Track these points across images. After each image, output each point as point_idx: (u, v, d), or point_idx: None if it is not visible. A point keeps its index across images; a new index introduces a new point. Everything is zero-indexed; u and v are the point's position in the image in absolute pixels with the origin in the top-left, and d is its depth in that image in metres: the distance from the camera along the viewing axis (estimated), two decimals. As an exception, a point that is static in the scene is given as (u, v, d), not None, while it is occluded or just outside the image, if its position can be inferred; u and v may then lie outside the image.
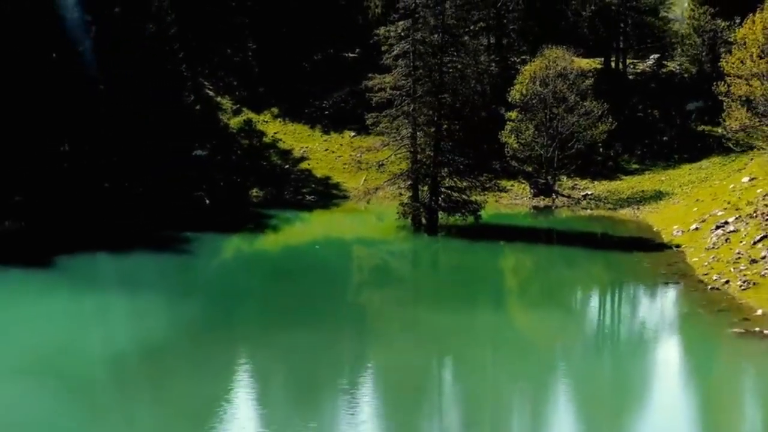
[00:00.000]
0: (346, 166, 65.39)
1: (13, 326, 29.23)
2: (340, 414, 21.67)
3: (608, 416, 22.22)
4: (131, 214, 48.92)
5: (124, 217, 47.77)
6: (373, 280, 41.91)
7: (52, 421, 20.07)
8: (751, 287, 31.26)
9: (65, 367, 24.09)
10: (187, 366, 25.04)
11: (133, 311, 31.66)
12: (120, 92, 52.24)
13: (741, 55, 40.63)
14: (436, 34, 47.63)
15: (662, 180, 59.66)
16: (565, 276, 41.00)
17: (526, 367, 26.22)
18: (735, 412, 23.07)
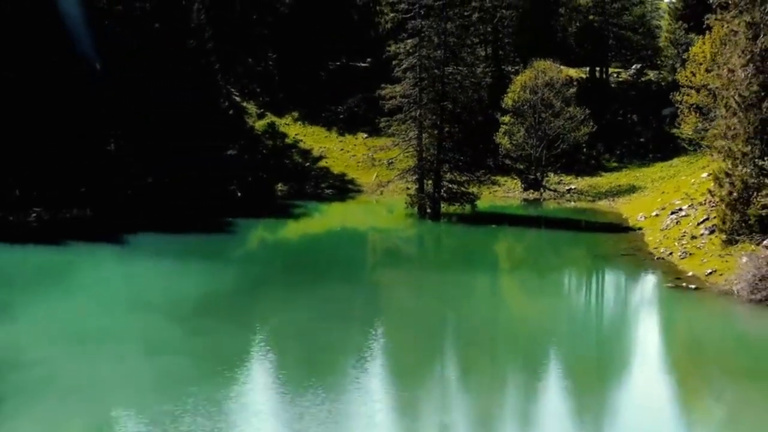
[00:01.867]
0: (360, 163, 72.67)
1: (97, 285, 36.25)
2: (355, 349, 27.70)
3: (570, 340, 29.58)
4: (174, 204, 55.80)
5: (168, 207, 54.50)
6: (386, 255, 49.32)
7: (137, 345, 26.54)
8: (687, 257, 38.63)
9: (141, 312, 30.72)
10: (232, 312, 31.87)
11: (187, 274, 38.53)
12: (164, 100, 59.04)
13: (693, 69, 47.88)
14: (439, 51, 55.00)
15: (637, 176, 66.90)
16: (546, 251, 48.48)
17: (510, 308, 34.07)
18: (664, 333, 31.28)
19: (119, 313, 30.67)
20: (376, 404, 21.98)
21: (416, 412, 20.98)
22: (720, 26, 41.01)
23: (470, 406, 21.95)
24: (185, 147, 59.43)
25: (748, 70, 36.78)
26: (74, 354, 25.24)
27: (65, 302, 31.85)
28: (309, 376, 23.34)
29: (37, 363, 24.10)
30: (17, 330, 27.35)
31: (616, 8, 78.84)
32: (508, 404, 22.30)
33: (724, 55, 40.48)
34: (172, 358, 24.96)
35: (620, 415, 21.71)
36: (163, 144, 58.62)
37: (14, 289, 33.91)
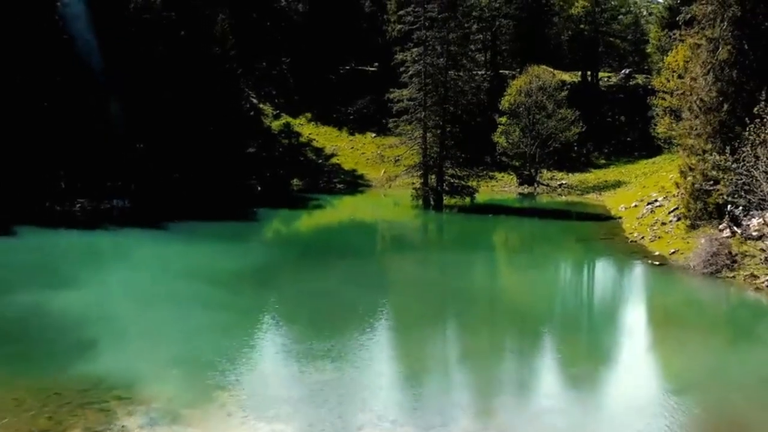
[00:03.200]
0: (369, 160, 78.10)
1: (148, 261, 41.37)
2: (370, 308, 32.39)
3: (552, 302, 34.94)
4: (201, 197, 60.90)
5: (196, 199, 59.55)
6: (394, 239, 54.53)
7: (190, 304, 31.48)
8: (656, 240, 43.95)
9: (189, 280, 35.70)
10: (265, 280, 37.07)
11: (222, 252, 43.45)
12: (191, 102, 64.11)
13: (667, 75, 53.12)
14: (442, 58, 60.38)
15: (622, 172, 72.28)
16: (537, 236, 53.72)
17: (502, 279, 39.62)
18: (629, 297, 37.38)
19: (171, 281, 35.96)
20: (385, 347, 27.25)
21: (418, 355, 26.14)
22: (689, 38, 46.15)
23: (466, 354, 27.15)
24: (210, 146, 64.80)
25: (709, 78, 42.03)
26: (141, 311, 30.51)
27: (125, 274, 37.17)
28: (330, 326, 28.45)
29: (115, 317, 29.46)
30: (92, 295, 32.61)
31: (605, 18, 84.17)
32: (500, 352, 27.35)
33: (690, 64, 45.72)
34: (219, 313, 30.18)
35: (587, 359, 26.79)
36: (190, 143, 63.81)
37: (80, 265, 39.27)
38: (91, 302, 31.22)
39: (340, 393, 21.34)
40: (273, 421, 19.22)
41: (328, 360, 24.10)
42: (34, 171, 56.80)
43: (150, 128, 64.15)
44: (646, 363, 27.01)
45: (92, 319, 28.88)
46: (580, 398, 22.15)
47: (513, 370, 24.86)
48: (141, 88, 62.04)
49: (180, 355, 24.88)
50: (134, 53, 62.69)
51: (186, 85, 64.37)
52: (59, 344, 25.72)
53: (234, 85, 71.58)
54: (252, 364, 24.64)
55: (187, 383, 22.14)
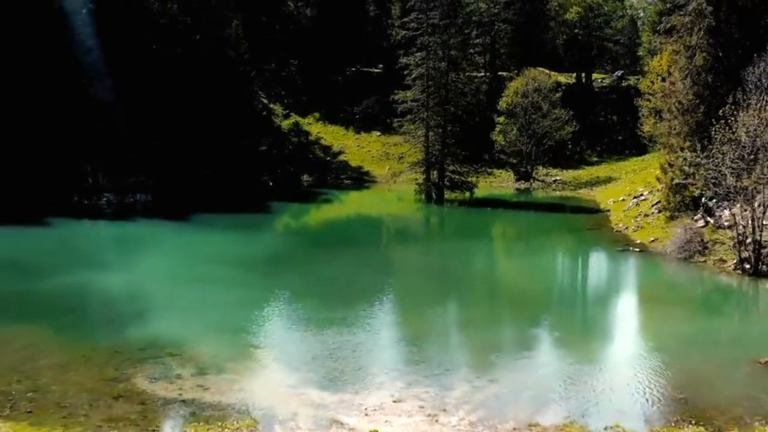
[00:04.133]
0: (374, 158, 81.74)
1: (178, 247, 45.06)
2: (379, 285, 35.98)
3: (542, 281, 38.69)
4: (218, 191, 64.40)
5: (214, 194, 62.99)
6: (399, 230, 58.25)
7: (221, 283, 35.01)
8: (638, 230, 47.66)
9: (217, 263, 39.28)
10: (285, 264, 40.72)
11: (243, 240, 47.26)
12: (208, 104, 67.56)
13: (652, 78, 56.73)
14: (443, 62, 64.04)
15: (613, 169, 75.89)
16: (532, 227, 57.37)
17: (498, 262, 43.66)
18: (610, 276, 41.25)
19: (198, 265, 39.71)
20: (391, 317, 30.98)
21: (420, 323, 29.79)
22: (669, 45, 49.80)
23: (463, 322, 30.86)
24: (225, 144, 68.40)
25: (686, 82, 45.73)
26: (176, 288, 34.23)
27: (156, 259, 40.94)
28: (343, 301, 32.05)
29: (154, 293, 33.19)
30: (131, 276, 36.34)
31: (599, 23, 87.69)
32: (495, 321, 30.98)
33: (671, 69, 49.38)
34: (244, 290, 33.89)
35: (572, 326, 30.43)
36: (207, 141, 67.41)
37: (114, 251, 43.08)
38: (132, 282, 35.01)
39: (354, 351, 25.09)
40: (302, 371, 22.95)
41: (342, 326, 27.79)
42: (63, 167, 60.56)
43: (170, 127, 67.79)
44: (623, 329, 30.81)
45: (135, 294, 32.67)
46: (563, 355, 25.76)
47: (505, 334, 28.65)
48: (160, 90, 65.78)
49: (216, 322, 28.62)
50: (153, 56, 66.50)
51: (202, 87, 67.96)
52: (111, 315, 29.54)
53: (247, 87, 75.25)
54: (278, 329, 28.44)
55: (225, 343, 25.86)
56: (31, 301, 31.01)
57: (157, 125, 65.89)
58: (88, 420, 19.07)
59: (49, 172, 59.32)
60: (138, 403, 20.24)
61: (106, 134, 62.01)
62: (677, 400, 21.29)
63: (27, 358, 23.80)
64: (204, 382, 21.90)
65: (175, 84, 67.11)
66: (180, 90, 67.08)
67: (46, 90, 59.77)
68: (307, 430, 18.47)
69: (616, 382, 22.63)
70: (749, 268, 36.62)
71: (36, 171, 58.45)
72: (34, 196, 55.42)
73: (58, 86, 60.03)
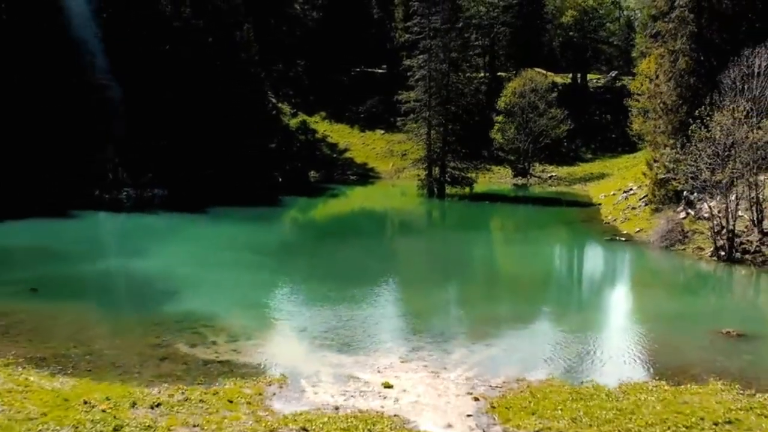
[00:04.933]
0: (378, 155, 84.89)
1: (198, 237, 48.28)
2: (385, 268, 39.40)
3: (536, 266, 41.86)
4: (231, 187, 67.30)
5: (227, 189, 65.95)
6: (403, 222, 61.58)
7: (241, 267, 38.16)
8: (626, 221, 50.83)
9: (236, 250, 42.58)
10: (298, 250, 44.05)
11: (258, 230, 50.73)
12: (221, 104, 70.43)
13: (640, 80, 59.78)
14: (444, 64, 67.16)
15: (607, 165, 78.98)
16: (528, 219, 60.60)
17: (496, 250, 46.77)
18: (598, 262, 44.56)
19: (219, 251, 42.99)
20: (396, 295, 34.15)
21: (423, 300, 32.95)
22: (655, 50, 52.86)
23: (462, 299, 34.01)
24: (237, 142, 71.34)
25: (670, 84, 48.83)
26: (202, 271, 37.32)
27: (184, 246, 44.20)
28: (352, 282, 35.18)
29: (183, 275, 36.24)
30: (161, 260, 39.50)
31: (593, 26, 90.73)
32: (491, 299, 34.11)
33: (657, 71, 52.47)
34: (262, 273, 37.29)
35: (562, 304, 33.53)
36: (220, 139, 70.40)
37: (142, 239, 46.27)
38: (162, 265, 38.22)
39: (364, 322, 28.28)
40: (320, 338, 26.10)
41: (352, 302, 31.01)
42: (85, 163, 63.68)
43: (184, 126, 70.88)
44: (606, 306, 34.16)
45: (166, 276, 35.86)
46: (551, 326, 28.95)
47: (500, 309, 31.79)
48: (175, 91, 68.78)
49: (240, 299, 31.83)
50: (167, 58, 69.50)
51: (215, 88, 70.93)
52: (148, 293, 32.73)
53: (257, 88, 78.30)
54: (295, 304, 31.64)
55: (251, 316, 29.04)
56: (75, 282, 34.25)
57: (172, 124, 68.90)
58: (141, 376, 22.18)
59: (72, 168, 62.43)
60: (181, 363, 23.38)
61: (124, 133, 65.11)
62: (647, 362, 24.49)
63: (79, 329, 26.96)
64: (236, 347, 25.05)
65: (189, 85, 69.96)
66: (193, 91, 69.92)
67: (69, 90, 62.88)
68: (329, 384, 21.59)
69: (596, 348, 25.77)
70: (724, 255, 39.72)
71: (60, 167, 61.52)
72: (58, 191, 58.49)
73: (82, 87, 63.14)
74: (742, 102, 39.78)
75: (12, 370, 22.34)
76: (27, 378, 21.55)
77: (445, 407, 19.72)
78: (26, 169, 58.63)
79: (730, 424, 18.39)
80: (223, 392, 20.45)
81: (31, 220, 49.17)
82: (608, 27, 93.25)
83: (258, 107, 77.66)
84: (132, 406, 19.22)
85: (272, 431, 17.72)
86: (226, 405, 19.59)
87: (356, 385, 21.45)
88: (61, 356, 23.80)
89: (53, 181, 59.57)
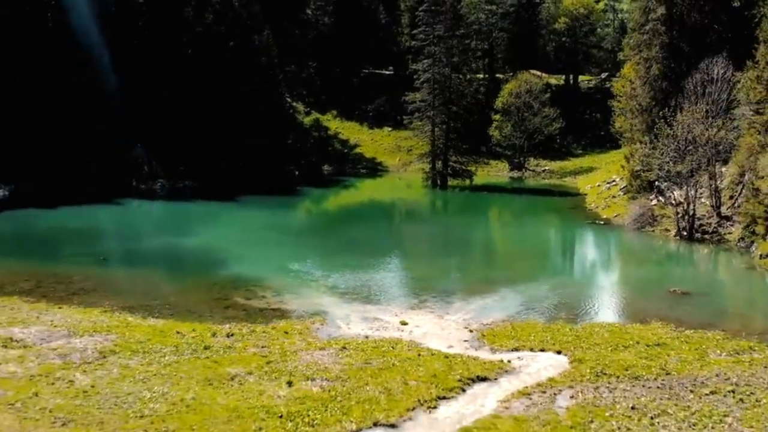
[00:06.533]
0: (386, 150, 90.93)
1: (232, 221, 54.38)
2: (394, 245, 45.85)
3: (528, 244, 47.93)
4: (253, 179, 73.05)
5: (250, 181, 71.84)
6: (409, 210, 67.77)
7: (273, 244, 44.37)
8: (606, 208, 57.03)
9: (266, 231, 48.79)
10: (319, 231, 49.97)
11: (282, 215, 57.02)
12: (243, 104, 76.11)
13: (622, 83, 65.78)
14: (447, 68, 73.30)
15: (595, 160, 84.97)
16: (522, 207, 66.82)
17: (493, 232, 52.64)
18: (579, 241, 50.16)
19: (250, 232, 49.43)
20: (406, 264, 40.25)
21: (428, 268, 39.06)
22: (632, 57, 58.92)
23: (462, 268, 40.16)
24: (257, 139, 77.07)
25: (645, 88, 54.89)
26: (243, 246, 43.68)
27: (220, 228, 50.39)
28: (367, 255, 41.24)
29: (227, 249, 42.46)
30: (204, 239, 45.72)
31: (584, 32, 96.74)
32: (488, 268, 40.23)
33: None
34: (293, 248, 43.78)
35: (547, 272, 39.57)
36: (243, 136, 76.27)
37: (186, 222, 52.57)
38: (207, 242, 44.55)
39: (380, 283, 34.70)
40: (347, 294, 32.30)
41: (368, 269, 37.42)
42: (122, 157, 69.88)
43: (210, 124, 76.97)
44: (582, 273, 40.52)
45: (213, 250, 42.22)
46: (535, 286, 34.95)
47: (494, 274, 38.04)
48: (203, 92, 74.79)
49: (278, 267, 38.12)
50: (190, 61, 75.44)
51: (238, 89, 76.83)
52: (202, 262, 39.06)
53: (276, 89, 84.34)
54: (324, 270, 37.87)
55: (291, 278, 35.33)
56: (137, 254, 40.62)
57: (199, 122, 74.92)
58: (212, 318, 28.35)
59: (111, 161, 68.63)
60: (242, 310, 29.58)
61: (160, 130, 71.23)
62: (607, 310, 30.78)
63: (153, 287, 33.23)
64: (282, 299, 31.32)
65: (213, 87, 75.81)
66: (217, 92, 75.75)
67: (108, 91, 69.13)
68: (358, 322, 27.79)
69: (569, 301, 31.97)
70: (686, 235, 45.86)
71: (101, 161, 67.69)
72: (100, 182, 64.68)
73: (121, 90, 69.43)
74: (701, 104, 45.82)
75: (110, 314, 28.56)
76: (126, 318, 27.84)
77: (447, 336, 25.96)
78: (73, 162, 64.88)
79: (659, 346, 24.55)
80: (280, 327, 26.68)
81: (81, 207, 55.29)
82: (598, 33, 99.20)
83: (276, 107, 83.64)
84: (213, 335, 25.44)
85: (321, 348, 23.91)
86: (283, 335, 25.79)
87: (379, 323, 27.67)
88: (146, 306, 29.92)
89: (96, 172, 65.78)
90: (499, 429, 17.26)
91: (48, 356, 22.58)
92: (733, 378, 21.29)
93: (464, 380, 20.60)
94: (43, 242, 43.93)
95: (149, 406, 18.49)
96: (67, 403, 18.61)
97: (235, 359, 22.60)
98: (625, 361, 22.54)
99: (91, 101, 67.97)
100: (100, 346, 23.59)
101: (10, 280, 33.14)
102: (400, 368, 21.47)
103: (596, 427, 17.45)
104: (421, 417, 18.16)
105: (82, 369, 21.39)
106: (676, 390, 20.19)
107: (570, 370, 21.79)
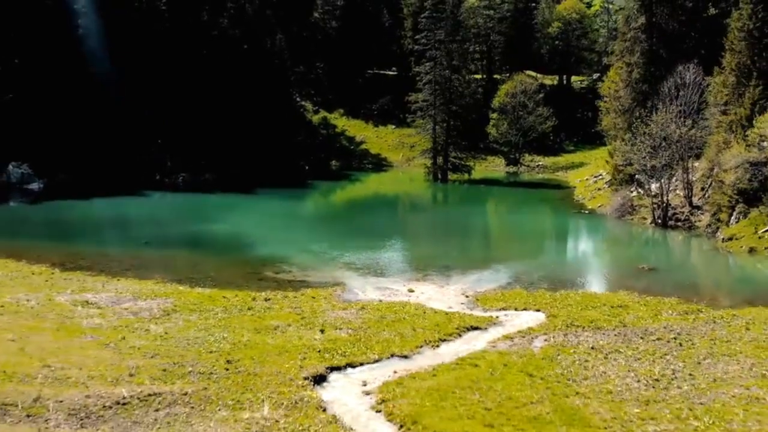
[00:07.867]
0: (390, 146, 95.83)
1: (254, 209, 59.33)
2: (399, 231, 50.98)
3: (519, 228, 52.86)
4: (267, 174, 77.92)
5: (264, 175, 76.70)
6: (412, 201, 72.78)
7: (295, 230, 49.53)
8: (592, 199, 62.05)
9: (285, 218, 53.87)
10: (334, 219, 55.16)
11: (299, 205, 62.15)
12: (256, 104, 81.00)
13: (608, 84, 70.69)
14: (447, 70, 78.23)
15: (586, 156, 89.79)
16: (517, 198, 71.66)
17: (490, 220, 57.62)
18: (565, 227, 55.01)
19: (269, 219, 54.54)
20: (409, 245, 45.26)
21: (430, 248, 44.03)
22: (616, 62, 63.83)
23: (462, 249, 45.15)
24: (270, 136, 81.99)
25: (627, 90, 59.81)
26: (266, 231, 48.76)
27: (243, 216, 55.45)
28: (376, 238, 46.18)
29: (252, 234, 47.61)
30: (230, 226, 50.78)
31: (576, 35, 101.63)
32: (485, 249, 45.25)
33: (618, 79, 63.52)
34: (309, 232, 48.82)
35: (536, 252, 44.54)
36: (255, 133, 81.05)
37: (211, 211, 57.48)
38: (234, 228, 49.67)
39: (389, 261, 39.87)
40: (362, 269, 37.30)
41: (377, 249, 42.58)
42: (147, 152, 74.88)
43: (227, 122, 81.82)
44: (564, 253, 45.64)
45: (241, 234, 47.34)
46: (524, 263, 39.90)
47: (488, 254, 43.17)
48: (219, 92, 79.65)
49: (300, 248, 43.12)
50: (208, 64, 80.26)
51: (251, 89, 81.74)
52: (233, 244, 44.16)
53: (287, 90, 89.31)
54: (339, 251, 42.71)
55: (312, 257, 40.37)
56: (174, 238, 45.64)
57: (217, 120, 79.81)
58: (249, 288, 33.28)
59: (137, 157, 73.62)
60: (273, 282, 34.55)
61: (182, 128, 76.17)
62: (583, 283, 35.82)
63: (194, 265, 38.22)
64: (306, 273, 36.36)
65: (228, 87, 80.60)
66: (232, 92, 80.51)
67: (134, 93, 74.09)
68: (372, 290, 32.80)
69: (551, 275, 36.98)
70: (660, 222, 50.83)
71: (127, 156, 72.67)
72: (126, 175, 69.59)
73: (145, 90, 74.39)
74: (675, 106, 50.76)
75: (163, 284, 33.54)
76: (177, 287, 32.82)
77: (447, 300, 31.02)
78: (102, 157, 69.88)
79: (621, 308, 29.54)
80: (307, 294, 31.67)
81: (112, 198, 60.15)
82: (590, 36, 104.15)
83: (287, 106, 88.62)
84: (253, 299, 30.42)
85: (344, 309, 28.93)
86: (310, 300, 30.77)
87: (390, 291, 32.70)
88: (191, 278, 34.83)
89: (124, 167, 70.75)
90: (486, 359, 22.26)
91: (122, 314, 27.57)
92: (677, 329, 26.25)
93: (461, 329, 25.68)
94: (87, 228, 49.10)
95: (215, 345, 23.46)
96: (150, 344, 23.57)
97: (275, 316, 27.60)
98: (591, 317, 27.56)
99: (120, 103, 73.00)
100: (163, 306, 28.59)
101: (68, 259, 38.03)
102: (410, 321, 26.53)
103: (561, 359, 22.44)
104: (427, 351, 23.25)
105: (153, 322, 26.40)
106: (629, 336, 25.17)
107: (546, 323, 26.83)
